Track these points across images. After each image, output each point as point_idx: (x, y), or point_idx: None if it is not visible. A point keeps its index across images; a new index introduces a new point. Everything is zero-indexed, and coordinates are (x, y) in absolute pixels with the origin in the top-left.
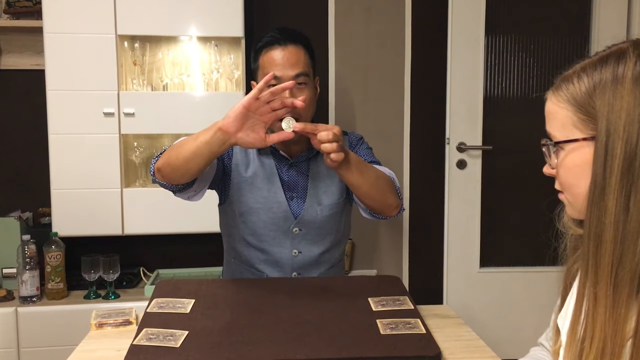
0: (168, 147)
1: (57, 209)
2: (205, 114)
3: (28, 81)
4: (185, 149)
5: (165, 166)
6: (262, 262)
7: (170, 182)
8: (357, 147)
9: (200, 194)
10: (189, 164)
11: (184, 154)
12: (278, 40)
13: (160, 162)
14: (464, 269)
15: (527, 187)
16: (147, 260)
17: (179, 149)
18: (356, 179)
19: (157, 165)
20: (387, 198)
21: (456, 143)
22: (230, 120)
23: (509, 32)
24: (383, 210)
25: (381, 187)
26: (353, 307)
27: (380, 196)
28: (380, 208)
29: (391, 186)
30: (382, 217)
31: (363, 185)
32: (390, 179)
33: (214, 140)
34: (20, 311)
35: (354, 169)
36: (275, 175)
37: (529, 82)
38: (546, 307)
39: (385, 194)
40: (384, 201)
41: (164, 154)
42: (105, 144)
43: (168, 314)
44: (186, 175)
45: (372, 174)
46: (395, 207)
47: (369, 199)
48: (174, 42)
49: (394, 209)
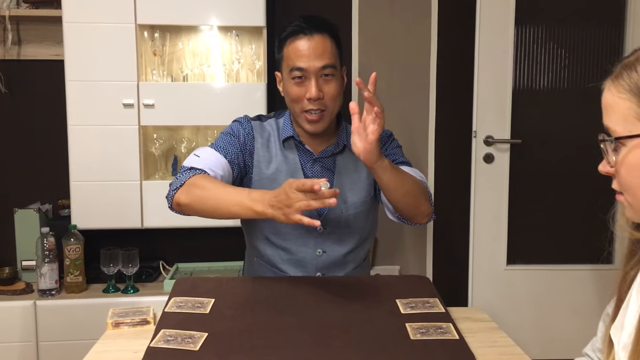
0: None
1: (76, 201)
2: (226, 106)
3: (47, 72)
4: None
5: (189, 207)
6: (285, 262)
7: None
8: (386, 144)
9: None
10: (217, 217)
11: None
12: (303, 29)
13: (182, 198)
14: (490, 266)
15: (557, 181)
16: (167, 254)
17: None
18: (393, 181)
19: (178, 199)
20: (420, 205)
21: (483, 136)
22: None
23: (539, 21)
24: (414, 217)
25: (416, 193)
26: (380, 309)
27: (414, 203)
28: (412, 215)
29: (425, 193)
30: (411, 223)
31: (399, 189)
32: (424, 185)
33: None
34: (39, 304)
35: (390, 170)
36: (299, 171)
37: (560, 74)
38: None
39: (419, 200)
40: (417, 208)
41: (188, 192)
42: (125, 136)
43: (187, 314)
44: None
45: (408, 178)
46: (427, 214)
47: (403, 204)
48: (194, 32)
49: (426, 216)
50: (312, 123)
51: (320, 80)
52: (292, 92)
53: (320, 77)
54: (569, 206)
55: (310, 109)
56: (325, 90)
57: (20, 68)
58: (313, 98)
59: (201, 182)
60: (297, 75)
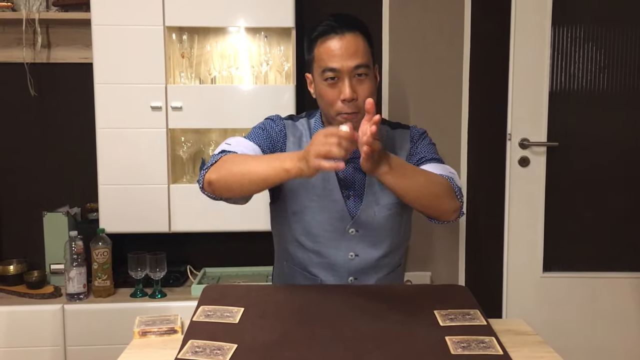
0: (219, 158)
1: (104, 205)
2: (254, 108)
3: (76, 75)
4: (252, 177)
5: (222, 183)
6: (316, 265)
7: (221, 196)
8: (418, 142)
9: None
10: (253, 189)
11: (250, 182)
12: (334, 28)
13: (213, 176)
14: (526, 273)
15: (596, 185)
16: (194, 258)
17: (243, 173)
18: (399, 184)
19: (209, 177)
20: (441, 203)
21: (518, 139)
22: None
23: (576, 22)
24: (438, 216)
25: (434, 192)
26: (418, 320)
27: (432, 202)
28: (435, 214)
29: (448, 189)
30: (439, 222)
31: (409, 191)
32: (447, 181)
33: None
34: (67, 309)
35: (396, 174)
36: (331, 172)
37: (599, 75)
38: (617, 316)
39: (439, 198)
40: (437, 207)
41: (219, 170)
42: (153, 139)
43: (215, 324)
44: (242, 195)
45: (420, 179)
46: (453, 211)
47: (419, 206)
48: (222, 34)
49: (452, 213)
50: None
51: (353, 80)
52: (325, 95)
53: (353, 77)
54: (608, 211)
55: (345, 112)
56: (359, 90)
57: (49, 71)
58: (347, 99)
59: (232, 158)
60: (329, 76)
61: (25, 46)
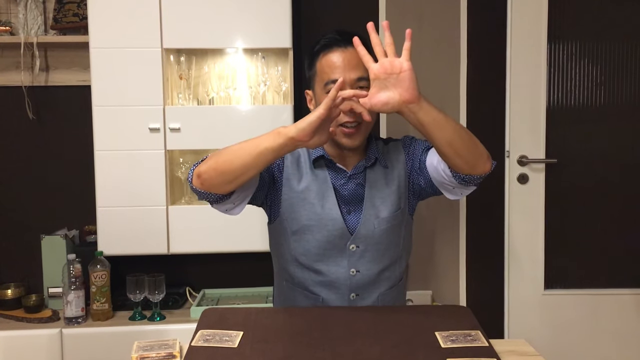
0: (211, 154)
1: (102, 227)
2: (253, 128)
3: (74, 97)
4: (241, 155)
5: (211, 171)
6: (317, 284)
7: (210, 189)
8: (410, 146)
9: (240, 207)
10: (244, 170)
11: (240, 160)
12: (338, 42)
13: (203, 166)
14: (527, 291)
15: (595, 201)
16: (193, 280)
17: (231, 155)
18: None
19: (198, 170)
20: (477, 144)
21: (517, 156)
22: (306, 132)
23: (573, 38)
24: (476, 164)
25: (467, 133)
26: (418, 342)
27: (468, 141)
28: (473, 158)
29: (472, 135)
30: (476, 176)
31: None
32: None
33: (283, 147)
34: (65, 333)
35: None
36: (330, 189)
37: (596, 91)
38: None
39: (473, 139)
40: (474, 148)
41: (210, 159)
42: (151, 160)
43: (214, 348)
44: (234, 182)
45: (452, 120)
46: (487, 157)
47: (458, 146)
48: (220, 55)
49: (487, 160)
50: (349, 137)
51: None
52: None
53: (355, 89)
54: (609, 226)
55: (347, 122)
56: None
57: (47, 94)
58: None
59: (222, 149)
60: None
61: (23, 69)
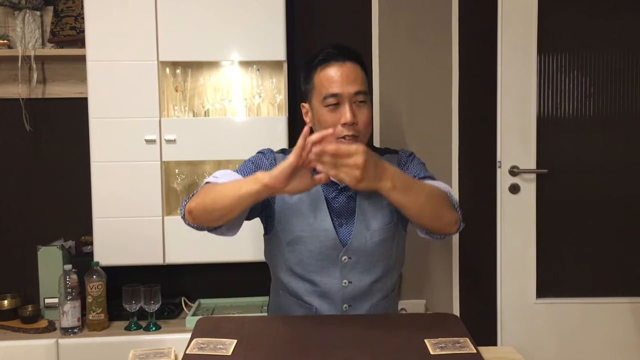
0: (199, 190)
1: (98, 238)
2: (248, 140)
3: (71, 110)
4: (224, 196)
5: (199, 209)
6: (311, 294)
7: (202, 224)
8: (407, 164)
9: (233, 231)
10: (226, 210)
11: (223, 202)
12: (335, 56)
13: (192, 204)
14: (519, 300)
15: (587, 210)
16: (189, 290)
17: (215, 195)
18: (403, 199)
19: (189, 206)
20: (442, 215)
21: (508, 166)
22: (279, 180)
23: (562, 50)
24: (441, 229)
25: (435, 204)
26: (408, 349)
27: (434, 214)
28: (438, 227)
29: (447, 201)
30: (442, 236)
31: (412, 205)
32: (445, 194)
33: (260, 193)
34: (62, 343)
35: (400, 189)
36: (322, 201)
37: (585, 102)
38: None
39: (440, 209)
40: (439, 219)
41: (197, 198)
42: (147, 172)
43: (208, 356)
44: (221, 220)
45: (421, 192)
46: (454, 222)
47: (423, 219)
48: (215, 68)
49: (453, 225)
50: None
51: (353, 106)
52: (325, 120)
53: (353, 102)
54: (600, 235)
55: (345, 135)
56: (358, 116)
57: (44, 106)
58: (348, 123)
59: (211, 186)
60: (331, 102)
61: (21, 82)
